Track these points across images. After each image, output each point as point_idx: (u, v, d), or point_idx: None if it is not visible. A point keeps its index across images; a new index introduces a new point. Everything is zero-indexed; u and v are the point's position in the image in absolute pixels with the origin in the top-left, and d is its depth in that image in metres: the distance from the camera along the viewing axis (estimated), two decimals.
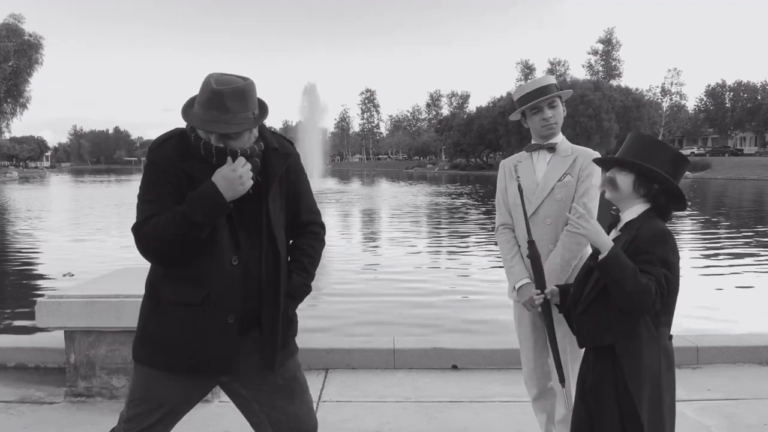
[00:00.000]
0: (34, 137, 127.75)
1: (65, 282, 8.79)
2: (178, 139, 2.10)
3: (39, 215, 21.49)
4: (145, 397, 2.15)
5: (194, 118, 2.02)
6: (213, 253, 2.04)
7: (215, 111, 1.98)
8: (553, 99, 2.82)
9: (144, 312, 2.15)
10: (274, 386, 2.23)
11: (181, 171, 2.05)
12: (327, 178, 49.92)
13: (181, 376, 2.12)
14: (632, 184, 2.16)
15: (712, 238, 14.58)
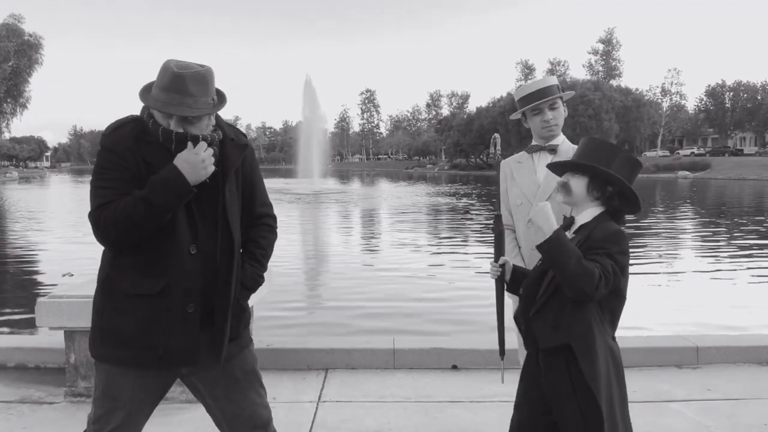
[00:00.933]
0: (34, 137, 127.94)
1: (65, 282, 8.79)
2: (133, 124, 2.07)
3: (39, 215, 21.49)
4: (108, 395, 2.12)
5: (154, 101, 2.01)
6: (171, 242, 2.02)
7: (176, 94, 1.98)
8: (554, 101, 2.80)
9: (99, 307, 2.11)
10: (232, 379, 2.21)
11: (139, 157, 2.01)
12: (327, 178, 49.87)
13: (142, 370, 2.09)
14: (586, 187, 2.17)
15: (712, 238, 14.57)
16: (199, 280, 2.05)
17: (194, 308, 2.04)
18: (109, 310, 2.08)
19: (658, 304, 7.82)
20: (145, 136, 2.04)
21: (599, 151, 2.19)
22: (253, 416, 2.25)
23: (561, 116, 2.85)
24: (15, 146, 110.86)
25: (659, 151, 79.98)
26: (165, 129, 2.02)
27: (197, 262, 2.05)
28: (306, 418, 3.65)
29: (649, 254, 11.98)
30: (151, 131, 2.04)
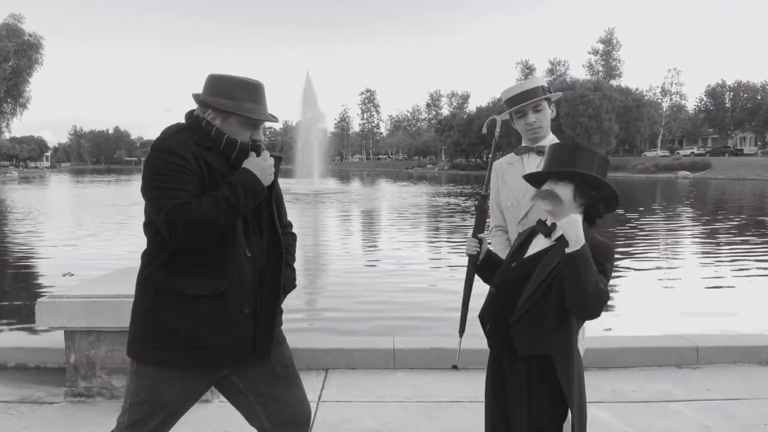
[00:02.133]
0: (34, 137, 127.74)
1: (65, 282, 8.79)
2: (189, 131, 2.14)
3: (39, 215, 21.49)
4: (150, 400, 2.14)
5: (250, 111, 2.13)
6: (232, 244, 2.09)
7: (251, 103, 2.14)
8: (539, 103, 2.76)
9: (148, 309, 2.11)
10: (272, 376, 2.27)
11: (201, 160, 2.07)
12: (327, 178, 49.88)
13: (192, 372, 2.14)
14: (572, 194, 2.13)
15: (712, 239, 14.58)
16: (253, 281, 2.15)
17: (249, 309, 2.14)
18: (163, 312, 2.08)
19: (658, 304, 7.83)
20: (203, 142, 2.11)
21: (580, 156, 2.16)
22: (295, 413, 2.30)
23: (546, 118, 2.81)
24: (15, 146, 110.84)
25: (659, 151, 79.98)
26: (218, 130, 2.13)
27: (251, 264, 2.14)
28: None
29: (649, 254, 11.98)
30: (212, 138, 2.13)
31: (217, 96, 2.13)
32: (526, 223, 2.73)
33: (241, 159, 2.15)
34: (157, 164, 2.05)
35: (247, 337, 2.15)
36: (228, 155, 2.14)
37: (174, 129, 2.16)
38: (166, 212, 1.98)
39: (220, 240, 2.07)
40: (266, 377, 2.26)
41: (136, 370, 2.17)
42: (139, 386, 2.16)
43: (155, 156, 2.07)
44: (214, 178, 2.09)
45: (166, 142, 2.08)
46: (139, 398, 2.15)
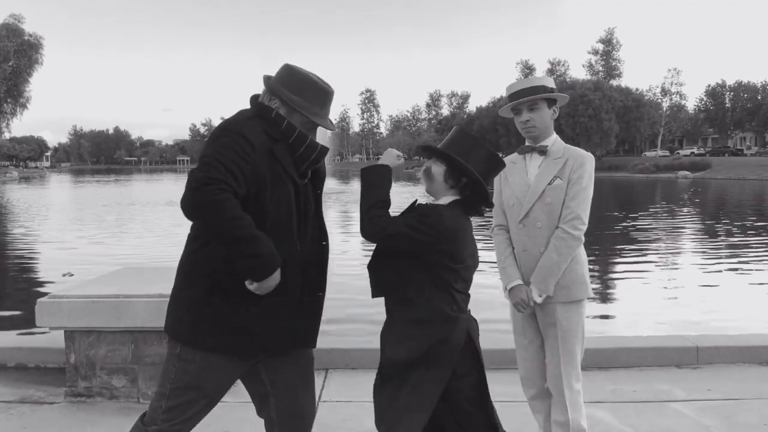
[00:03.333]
0: (34, 137, 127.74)
1: (65, 282, 8.79)
2: (261, 120, 2.16)
3: (39, 215, 21.48)
4: (193, 386, 2.14)
5: (316, 115, 2.18)
6: (287, 237, 2.13)
7: (319, 108, 2.20)
8: (534, 102, 2.73)
9: (197, 294, 2.11)
10: (295, 369, 2.31)
11: (269, 151, 2.10)
12: (327, 178, 49.81)
13: (236, 358, 2.16)
14: (443, 174, 2.27)
15: (711, 238, 14.57)
16: (301, 273, 2.20)
17: (298, 299, 2.19)
18: (220, 298, 2.09)
19: (658, 304, 7.82)
20: (273, 134, 2.14)
21: (460, 142, 2.27)
22: (304, 407, 2.35)
23: (542, 118, 2.76)
24: (15, 146, 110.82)
25: (659, 151, 79.94)
26: (290, 124, 2.16)
27: (300, 257, 2.19)
28: None
29: (649, 254, 11.98)
30: (282, 131, 2.15)
31: (289, 89, 2.16)
32: (526, 222, 2.74)
33: (307, 155, 2.19)
34: (225, 142, 2.05)
35: (294, 326, 2.20)
36: (296, 149, 2.17)
37: (249, 113, 2.18)
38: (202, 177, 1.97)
39: (275, 231, 2.09)
40: (288, 369, 2.29)
41: (180, 354, 2.15)
42: (183, 371, 2.14)
43: (227, 135, 2.07)
44: (276, 172, 2.11)
45: (241, 126, 2.10)
46: (182, 383, 2.14)
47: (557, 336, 2.74)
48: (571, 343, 2.74)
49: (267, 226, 2.09)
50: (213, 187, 1.96)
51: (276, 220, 2.11)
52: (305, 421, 2.35)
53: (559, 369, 2.75)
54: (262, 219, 2.08)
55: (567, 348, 2.74)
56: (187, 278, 2.15)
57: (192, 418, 2.18)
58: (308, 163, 2.22)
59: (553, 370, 2.77)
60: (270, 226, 2.09)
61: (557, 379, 2.76)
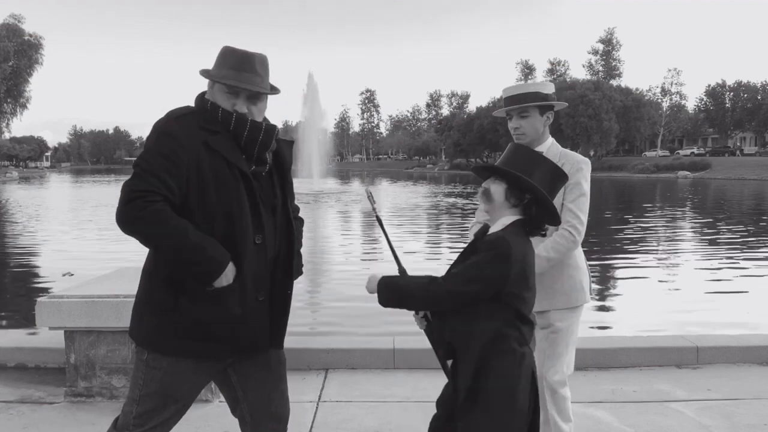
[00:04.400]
0: (34, 137, 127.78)
1: (65, 282, 8.79)
2: (194, 115, 2.10)
3: (39, 215, 21.48)
4: (162, 392, 2.11)
5: (225, 77, 2.07)
6: (241, 232, 2.06)
7: (246, 72, 2.08)
8: (525, 109, 2.70)
9: (164, 301, 2.06)
10: (267, 370, 2.26)
11: (203, 144, 2.02)
12: (327, 178, 49.83)
13: (206, 362, 2.12)
14: (504, 193, 2.12)
15: (712, 239, 14.57)
16: (265, 269, 2.13)
17: (264, 296, 2.13)
18: (183, 303, 2.05)
19: (658, 304, 7.82)
20: (210, 126, 2.07)
21: (521, 158, 2.15)
22: (278, 409, 2.30)
23: (532, 125, 2.72)
24: (15, 146, 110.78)
25: (659, 151, 79.95)
26: (225, 110, 2.08)
27: (263, 251, 2.12)
28: (306, 418, 3.65)
29: (649, 254, 11.98)
30: (220, 120, 2.08)
31: (222, 68, 2.10)
32: None
33: (254, 138, 2.09)
34: (151, 146, 2.01)
35: (264, 326, 2.15)
36: (240, 135, 2.08)
37: (180, 112, 2.11)
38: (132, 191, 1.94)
39: (228, 229, 2.04)
40: (260, 372, 2.24)
41: (148, 360, 2.11)
42: (150, 377, 2.11)
43: (153, 137, 2.03)
44: (217, 165, 2.03)
45: (166, 124, 2.04)
46: (151, 389, 2.11)
47: (549, 339, 2.74)
48: (561, 347, 2.74)
49: (216, 225, 2.02)
50: (141, 200, 1.92)
51: (226, 216, 2.04)
52: (280, 423, 2.31)
53: (547, 372, 2.74)
54: (210, 217, 2.02)
55: (557, 351, 2.74)
56: (150, 283, 2.10)
57: (164, 424, 2.14)
58: (258, 145, 2.11)
59: (542, 373, 2.74)
60: (220, 223, 2.03)
61: (543, 382, 2.74)
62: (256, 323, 2.12)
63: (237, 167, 2.06)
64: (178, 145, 1.99)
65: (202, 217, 2.02)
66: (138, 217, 1.92)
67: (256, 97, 2.11)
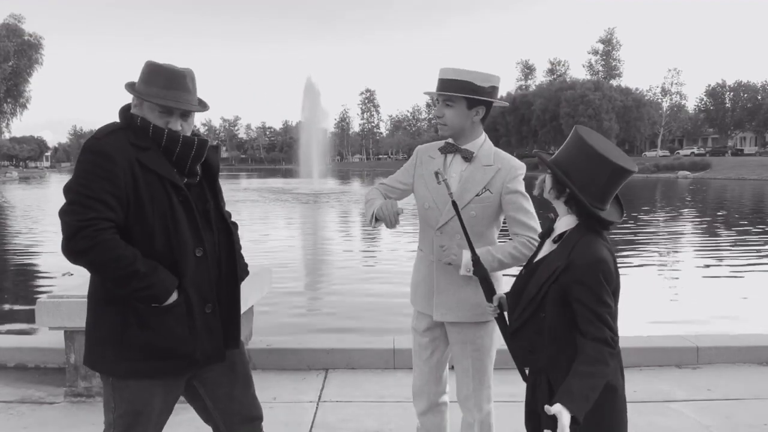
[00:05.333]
0: (34, 137, 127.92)
1: (65, 282, 8.79)
2: (124, 131, 2.05)
3: (39, 215, 21.49)
4: (134, 410, 2.09)
5: (157, 98, 2.04)
6: (180, 248, 2.04)
7: (177, 90, 2.06)
8: (450, 97, 2.39)
9: (116, 324, 2.02)
10: (232, 376, 2.26)
11: (136, 161, 1.99)
12: (327, 178, 49.85)
13: (171, 379, 2.11)
14: (550, 185, 2.07)
15: (712, 238, 14.57)
16: (209, 280, 2.12)
17: (211, 308, 2.12)
18: (133, 325, 2.02)
19: (658, 304, 7.83)
20: (140, 142, 2.03)
21: (571, 149, 2.02)
22: (251, 410, 2.31)
23: (457, 117, 2.40)
24: (15, 146, 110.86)
25: (659, 151, 79.94)
26: (156, 127, 2.05)
27: (204, 263, 2.10)
28: (306, 418, 3.65)
29: (649, 254, 11.98)
30: (151, 136, 2.05)
31: (149, 85, 2.06)
32: (445, 230, 2.48)
33: (186, 153, 2.07)
34: (87, 168, 1.96)
35: (217, 335, 2.13)
36: (172, 150, 2.06)
37: (109, 128, 2.05)
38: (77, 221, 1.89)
39: (167, 245, 2.02)
40: (226, 379, 2.24)
41: (113, 384, 2.09)
42: (120, 398, 2.09)
43: (85, 158, 1.97)
44: (150, 182, 2.00)
45: (96, 142, 1.99)
46: (123, 410, 2.10)
47: (470, 356, 2.55)
48: (485, 363, 2.58)
49: (155, 241, 2.00)
50: (91, 229, 1.88)
51: (163, 231, 2.01)
52: (253, 422, 2.31)
53: (470, 390, 2.60)
54: (148, 234, 2.00)
55: (479, 368, 2.57)
56: (100, 308, 2.06)
57: None
58: (191, 160, 2.10)
59: (464, 391, 2.60)
60: (158, 239, 2.01)
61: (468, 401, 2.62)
62: (207, 335, 2.10)
63: (170, 181, 2.04)
64: (114, 164, 1.95)
65: (140, 234, 1.99)
66: (89, 248, 1.89)
67: (188, 114, 2.12)
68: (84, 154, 1.99)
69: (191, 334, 2.06)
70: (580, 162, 1.97)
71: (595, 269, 1.89)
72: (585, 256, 1.91)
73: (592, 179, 1.95)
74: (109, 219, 1.92)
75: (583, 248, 1.93)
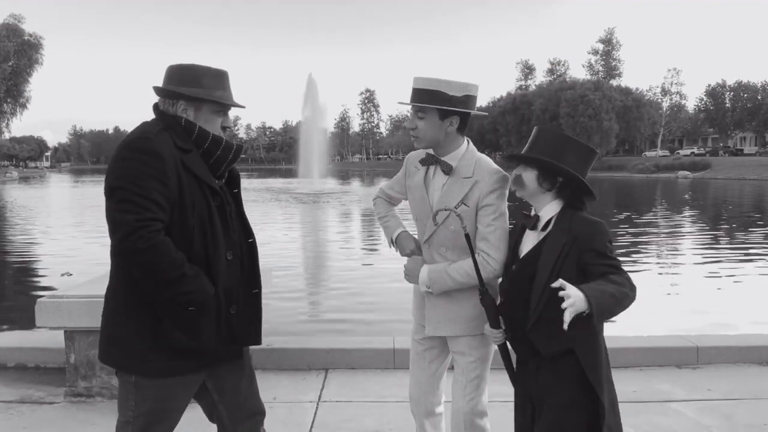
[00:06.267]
0: (34, 137, 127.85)
1: (65, 282, 8.79)
2: (169, 132, 2.06)
3: (39, 215, 21.48)
4: (156, 409, 2.12)
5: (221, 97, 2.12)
6: (214, 251, 2.08)
7: (221, 90, 2.14)
8: (421, 108, 2.32)
9: (144, 323, 2.03)
10: (240, 372, 2.30)
11: (180, 163, 2.01)
12: (327, 178, 49.82)
13: (192, 376, 2.15)
14: (536, 179, 2.16)
15: (712, 238, 14.57)
16: (236, 282, 2.16)
17: (235, 309, 2.16)
18: (164, 325, 2.03)
19: (658, 304, 7.82)
20: (184, 144, 2.06)
21: (549, 142, 2.17)
22: (254, 404, 2.35)
23: (429, 128, 2.33)
24: (15, 146, 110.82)
25: (659, 151, 79.91)
26: (201, 129, 2.10)
27: (233, 266, 2.15)
28: (306, 418, 3.65)
29: (649, 254, 11.98)
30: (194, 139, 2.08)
31: (187, 85, 2.08)
32: (432, 243, 2.47)
33: (224, 157, 2.13)
34: (135, 165, 1.93)
35: (238, 334, 2.18)
36: (212, 153, 2.10)
37: (156, 128, 2.03)
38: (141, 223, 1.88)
39: (203, 248, 2.04)
40: (234, 375, 2.28)
41: (137, 383, 2.09)
42: (143, 397, 2.10)
43: (135, 156, 1.94)
44: (191, 185, 2.01)
45: (151, 143, 1.96)
46: (144, 409, 2.11)
47: (470, 364, 2.53)
48: (479, 377, 2.55)
49: (194, 246, 2.02)
50: (147, 230, 1.87)
51: (202, 236, 2.04)
52: (255, 418, 2.35)
53: (466, 399, 2.55)
54: (188, 239, 2.01)
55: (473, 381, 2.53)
56: (128, 307, 2.05)
57: None
58: (226, 164, 2.16)
59: (460, 402, 2.56)
60: (197, 242, 2.03)
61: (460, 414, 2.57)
62: (232, 334, 2.16)
63: (208, 185, 2.07)
64: (165, 164, 1.95)
65: (180, 236, 1.99)
66: (145, 249, 1.87)
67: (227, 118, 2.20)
68: (132, 151, 1.96)
69: (217, 334, 2.11)
70: (558, 150, 2.14)
71: (600, 233, 2.06)
72: (586, 226, 2.08)
73: (574, 163, 2.13)
74: (162, 220, 1.93)
75: (580, 221, 2.10)
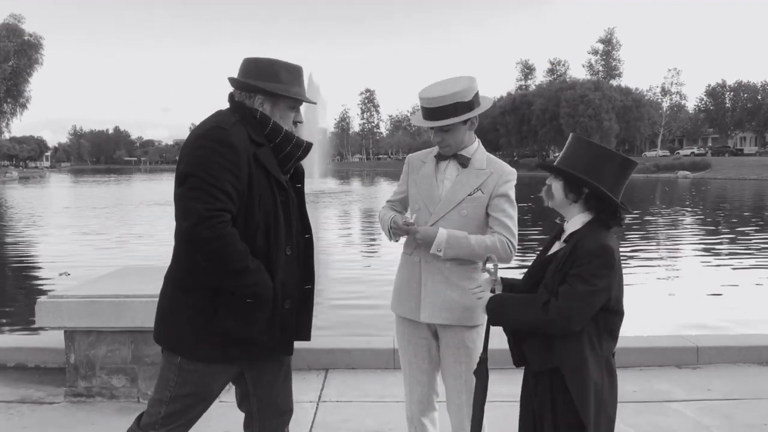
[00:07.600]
0: (34, 137, 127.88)
1: (65, 282, 8.79)
2: (242, 125, 2.07)
3: (39, 215, 21.48)
4: (195, 393, 2.13)
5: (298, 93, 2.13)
6: (275, 246, 2.09)
7: (298, 86, 2.16)
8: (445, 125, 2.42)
9: (200, 309, 2.05)
10: (279, 368, 2.31)
11: (254, 156, 2.03)
12: (327, 177, 49.84)
13: (230, 365, 2.16)
14: (562, 190, 2.12)
15: (712, 238, 14.57)
16: (294, 278, 2.18)
17: (290, 304, 2.17)
18: (220, 313, 2.05)
19: (658, 304, 7.83)
20: (257, 138, 2.07)
21: (583, 156, 2.10)
22: (285, 402, 2.36)
23: (457, 137, 2.48)
24: (15, 146, 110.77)
25: (659, 151, 79.91)
26: (276, 123, 2.11)
27: (291, 262, 2.16)
28: (306, 418, 3.65)
29: (649, 254, 11.98)
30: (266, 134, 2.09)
31: (264, 80, 2.09)
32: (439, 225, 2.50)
33: (293, 154, 2.14)
34: (209, 155, 1.94)
35: (289, 329, 2.20)
36: (282, 149, 2.12)
37: (232, 120, 2.04)
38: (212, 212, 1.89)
39: (264, 242, 2.06)
40: (272, 370, 2.29)
41: (181, 364, 2.11)
42: (184, 380, 2.12)
43: (210, 146, 1.95)
44: (260, 178, 2.04)
45: (228, 134, 1.97)
46: (183, 391, 2.13)
47: (461, 361, 2.54)
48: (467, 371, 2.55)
49: (257, 239, 2.04)
50: (216, 220, 1.90)
51: (265, 230, 2.06)
52: (283, 417, 2.36)
53: (462, 399, 2.57)
54: (252, 233, 2.02)
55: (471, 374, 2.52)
56: (183, 292, 2.08)
57: (190, 421, 2.19)
58: (294, 160, 2.18)
59: (456, 401, 2.57)
60: (260, 238, 2.05)
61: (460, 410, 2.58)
62: (284, 329, 2.17)
63: (276, 180, 2.09)
64: (239, 156, 1.97)
65: (244, 228, 2.01)
66: (213, 238, 1.90)
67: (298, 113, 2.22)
68: (209, 140, 1.97)
69: (270, 327, 2.12)
70: (590, 162, 2.07)
71: (596, 258, 1.98)
72: (587, 243, 2.00)
73: (606, 175, 2.05)
74: (230, 211, 1.95)
75: (587, 238, 2.02)
